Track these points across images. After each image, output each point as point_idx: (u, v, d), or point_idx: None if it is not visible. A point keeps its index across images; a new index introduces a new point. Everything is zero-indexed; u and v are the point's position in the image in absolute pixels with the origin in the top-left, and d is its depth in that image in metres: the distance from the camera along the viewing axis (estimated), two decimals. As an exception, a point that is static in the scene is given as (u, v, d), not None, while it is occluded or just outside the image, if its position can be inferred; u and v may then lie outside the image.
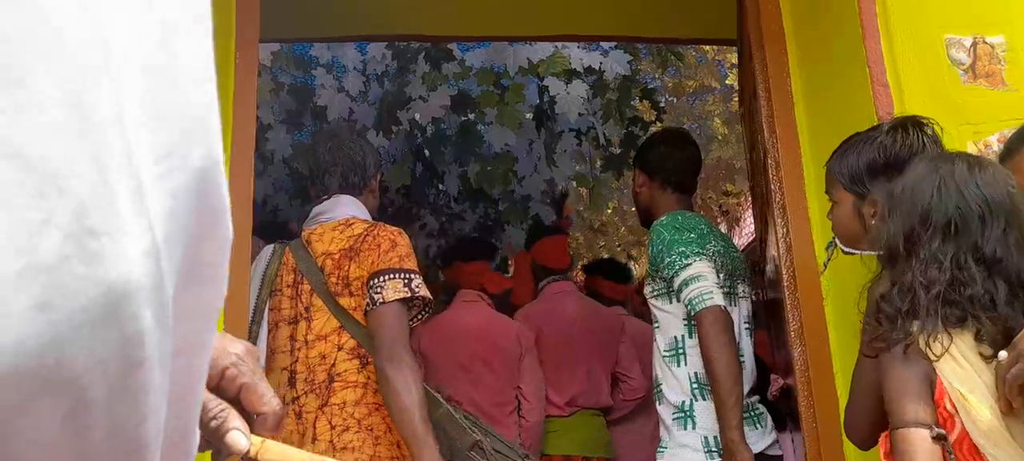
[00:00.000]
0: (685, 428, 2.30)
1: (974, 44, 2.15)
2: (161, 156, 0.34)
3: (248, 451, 0.63)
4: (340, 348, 2.10)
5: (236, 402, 0.64)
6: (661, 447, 2.37)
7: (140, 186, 0.32)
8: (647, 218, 2.62)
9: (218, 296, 0.42)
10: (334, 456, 2.02)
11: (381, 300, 2.04)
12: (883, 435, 1.36)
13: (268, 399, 0.65)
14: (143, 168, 0.32)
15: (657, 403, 2.42)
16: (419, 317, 2.18)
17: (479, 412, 2.84)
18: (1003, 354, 1.22)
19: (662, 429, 2.38)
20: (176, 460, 0.47)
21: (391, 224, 2.22)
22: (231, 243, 0.42)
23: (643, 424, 3.32)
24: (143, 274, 0.32)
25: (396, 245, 2.12)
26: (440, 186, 5.56)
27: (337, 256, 2.13)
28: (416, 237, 5.64)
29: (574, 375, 3.19)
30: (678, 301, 2.34)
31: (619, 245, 8.58)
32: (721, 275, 2.34)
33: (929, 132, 1.75)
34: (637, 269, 7.16)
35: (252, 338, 2.16)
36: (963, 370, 1.30)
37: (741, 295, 2.46)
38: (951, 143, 2.06)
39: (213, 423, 0.62)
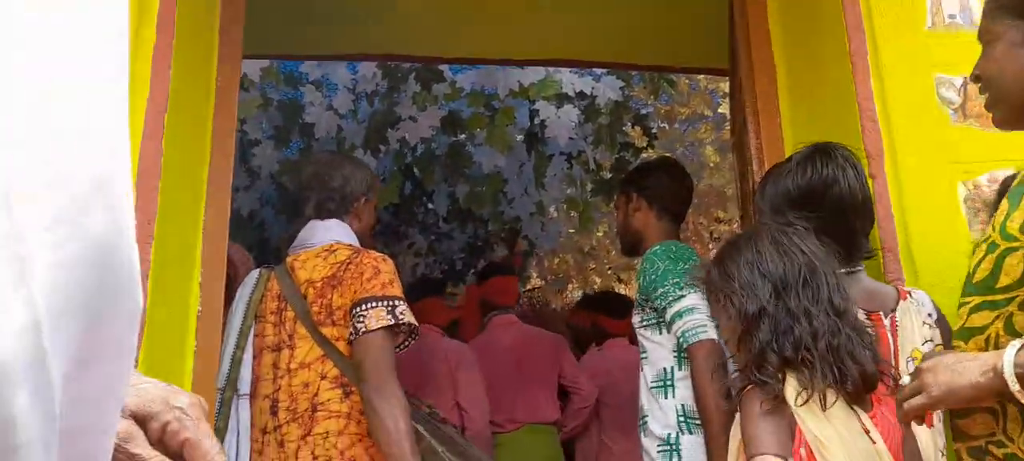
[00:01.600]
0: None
1: (964, 84, 2.14)
2: (48, 225, 0.32)
3: None
4: (323, 377, 2.06)
5: (179, 457, 0.61)
6: (644, 481, 2.33)
7: (23, 259, 0.29)
8: (634, 243, 2.59)
9: (124, 373, 0.40)
10: None
11: (364, 329, 2.00)
12: None
13: (212, 456, 0.61)
14: (28, 239, 0.30)
15: (642, 434, 2.38)
16: (406, 344, 2.14)
17: None
18: (906, 379, 1.27)
19: (646, 460, 2.34)
20: None
21: (379, 243, 2.19)
22: (140, 316, 0.39)
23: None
24: (15, 352, 0.30)
25: (379, 272, 2.07)
26: (429, 205, 5.54)
27: (319, 284, 2.09)
28: (404, 256, 5.61)
29: (513, 396, 3.45)
30: (669, 332, 2.30)
31: (609, 268, 8.55)
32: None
33: (841, 158, 1.84)
34: (627, 292, 7.13)
35: (236, 364, 2.12)
36: (819, 419, 1.40)
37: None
38: (940, 182, 2.05)
39: None
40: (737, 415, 1.57)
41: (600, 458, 3.51)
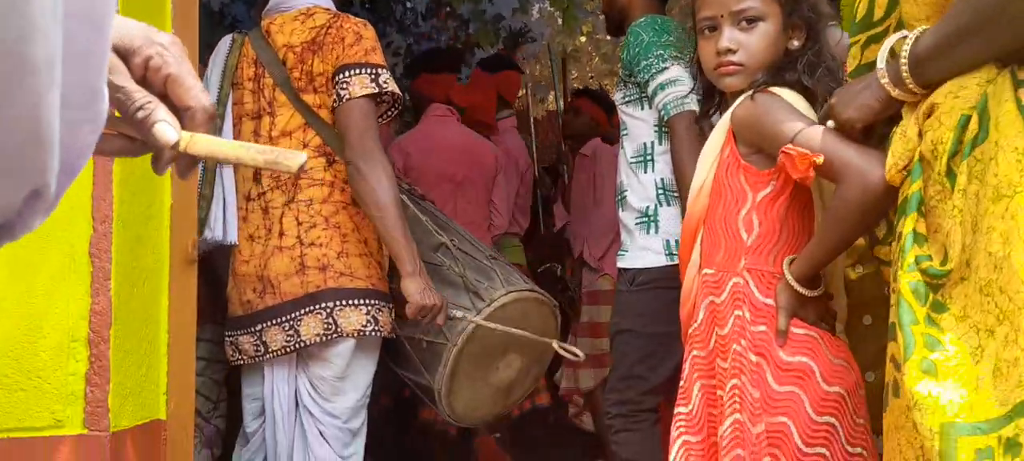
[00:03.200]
0: (648, 232, 2.32)
1: None
2: None
3: (177, 144, 0.59)
4: (306, 145, 2.05)
5: (164, 97, 0.60)
6: (622, 251, 2.40)
7: None
8: (620, 20, 2.54)
9: None
10: (302, 250, 2.02)
11: (348, 96, 1.98)
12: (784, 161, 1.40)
13: (196, 93, 0.61)
14: None
15: (620, 209, 2.43)
16: (388, 114, 2.13)
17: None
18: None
19: (624, 234, 2.40)
20: (83, 126, 0.44)
21: None
22: None
23: None
24: None
25: (361, 38, 2.03)
26: (407, 3, 5.37)
27: (299, 49, 2.04)
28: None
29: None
30: (651, 107, 2.30)
31: (591, 75, 8.45)
32: (697, 81, 2.29)
33: None
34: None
35: (216, 132, 2.10)
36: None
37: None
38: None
39: (139, 114, 0.59)
40: (714, 135, 1.58)
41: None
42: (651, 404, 2.40)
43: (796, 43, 1.53)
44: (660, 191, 2.33)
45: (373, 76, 1.99)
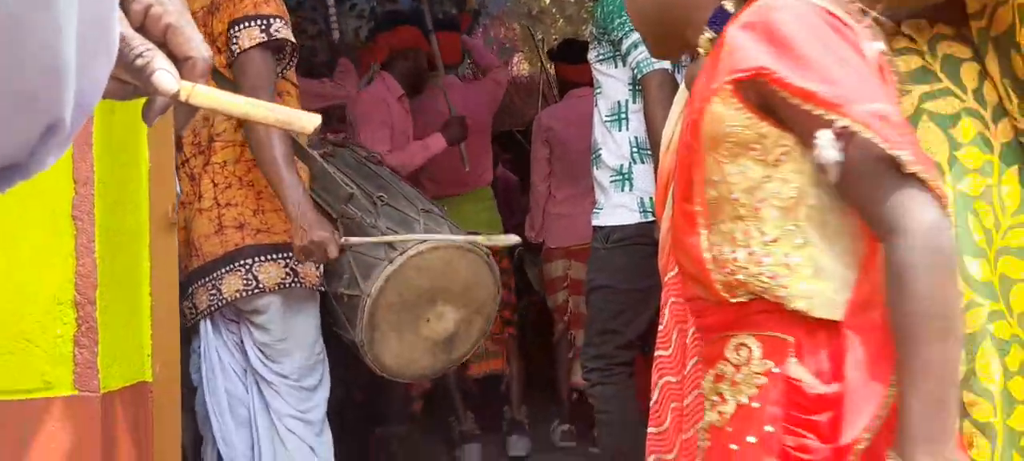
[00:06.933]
0: (622, 190, 2.36)
1: None
2: None
3: (177, 94, 0.59)
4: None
5: (164, 46, 0.60)
6: (597, 209, 2.44)
7: None
8: (593, -20, 2.55)
9: None
10: (219, 211, 2.03)
11: (238, 49, 1.97)
12: None
13: (196, 44, 0.60)
14: None
15: (595, 168, 2.46)
16: (289, 65, 2.11)
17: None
18: None
19: (598, 192, 2.44)
20: (98, 58, 0.45)
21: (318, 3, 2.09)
22: None
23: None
24: None
25: None
26: (370, -37, 5.28)
27: (201, 14, 2.04)
28: (345, 18, 5.40)
29: (458, 162, 3.52)
30: (624, 65, 2.33)
31: (556, 37, 8.43)
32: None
33: None
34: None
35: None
36: None
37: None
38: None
39: (138, 61, 0.58)
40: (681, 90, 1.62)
41: (547, 205, 3.64)
42: (626, 358, 2.47)
43: None
44: (634, 149, 2.37)
45: (264, 26, 1.98)
